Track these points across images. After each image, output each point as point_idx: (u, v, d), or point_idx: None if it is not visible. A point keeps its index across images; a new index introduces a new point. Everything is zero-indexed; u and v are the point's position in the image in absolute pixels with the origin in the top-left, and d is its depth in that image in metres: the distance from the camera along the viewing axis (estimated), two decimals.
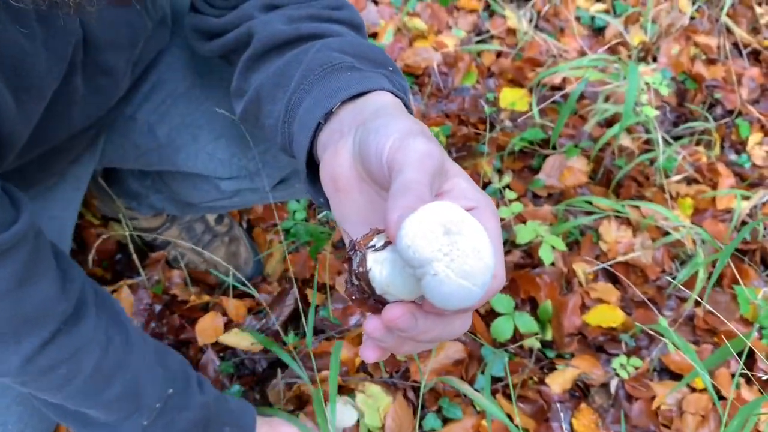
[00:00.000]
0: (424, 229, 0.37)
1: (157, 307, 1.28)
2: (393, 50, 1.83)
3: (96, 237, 1.32)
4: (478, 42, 1.93)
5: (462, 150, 1.63)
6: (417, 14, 1.94)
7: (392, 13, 1.94)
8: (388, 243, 0.43)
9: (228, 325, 1.28)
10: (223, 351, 1.26)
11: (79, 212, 1.07)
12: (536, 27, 1.99)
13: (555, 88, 1.80)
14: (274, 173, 1.00)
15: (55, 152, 0.85)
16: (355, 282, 0.44)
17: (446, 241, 0.37)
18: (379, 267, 0.42)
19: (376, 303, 0.44)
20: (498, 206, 1.51)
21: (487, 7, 2.02)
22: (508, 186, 1.55)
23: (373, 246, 0.43)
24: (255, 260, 1.40)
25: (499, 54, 1.91)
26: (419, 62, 1.81)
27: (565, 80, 1.81)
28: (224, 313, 1.29)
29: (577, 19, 2.03)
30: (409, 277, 0.40)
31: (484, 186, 1.57)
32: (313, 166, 0.60)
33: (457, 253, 0.37)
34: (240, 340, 1.26)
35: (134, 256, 1.28)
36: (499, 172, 1.59)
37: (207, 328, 1.25)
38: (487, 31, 1.96)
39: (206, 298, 1.32)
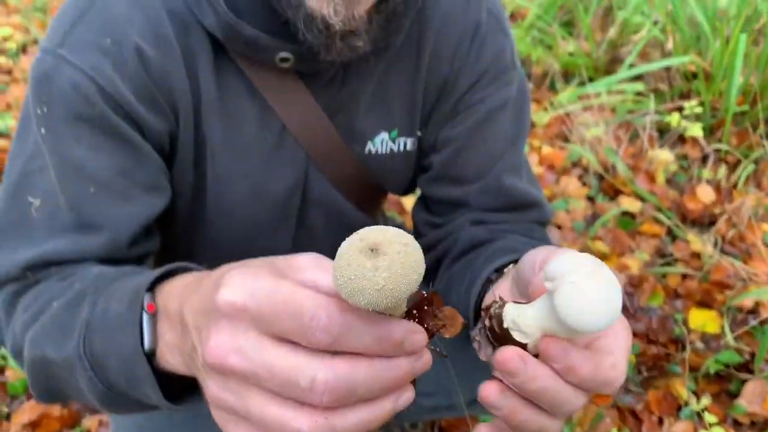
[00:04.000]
0: (572, 254, 0.46)
1: None
2: None
3: None
4: (663, 264, 1.99)
5: (653, 369, 1.63)
6: (599, 238, 2.06)
7: (575, 237, 2.08)
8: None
9: None
10: None
11: None
12: (722, 251, 2.02)
13: (748, 311, 1.78)
14: (469, 392, 1.09)
15: None
16: (487, 323, 0.51)
17: (590, 262, 0.45)
18: (515, 307, 0.50)
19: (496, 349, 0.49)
20: (696, 431, 1.46)
21: (669, 231, 2.10)
22: (705, 409, 1.51)
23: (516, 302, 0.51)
24: None
25: (684, 276, 1.95)
26: None
27: (758, 304, 1.79)
28: None
29: (765, 243, 2.03)
30: (540, 312, 0.47)
31: (679, 407, 1.54)
32: None
33: (598, 271, 0.44)
34: None
35: None
36: (695, 394, 1.56)
37: None
38: (671, 254, 2.02)
39: None
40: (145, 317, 0.57)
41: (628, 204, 2.17)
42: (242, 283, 0.43)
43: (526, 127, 0.95)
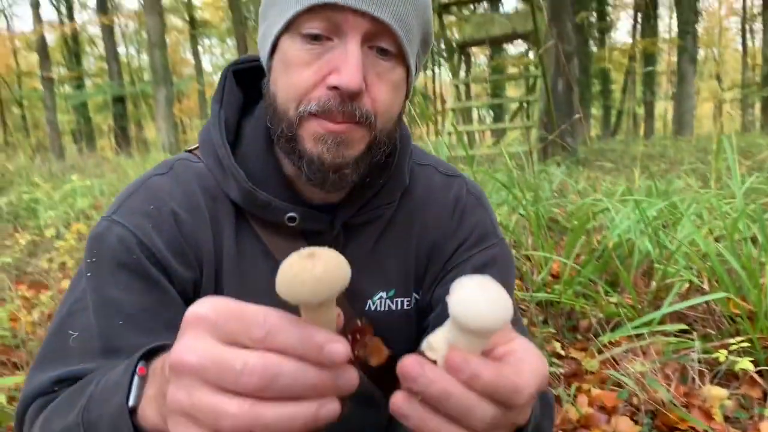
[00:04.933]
0: (465, 279, 0.53)
1: None
2: None
3: None
4: None
5: None
6: None
7: None
8: None
9: None
10: None
11: None
12: None
13: None
14: None
15: None
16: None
17: (479, 277, 0.52)
18: (429, 335, 0.56)
19: None
20: None
21: None
22: None
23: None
24: None
25: None
26: None
27: None
28: None
29: None
30: (445, 327, 0.54)
31: None
32: None
33: (486, 282, 0.51)
34: None
35: None
36: None
37: None
38: None
39: None
40: (136, 379, 0.66)
41: None
42: (208, 300, 0.55)
43: (512, 285, 1.05)
